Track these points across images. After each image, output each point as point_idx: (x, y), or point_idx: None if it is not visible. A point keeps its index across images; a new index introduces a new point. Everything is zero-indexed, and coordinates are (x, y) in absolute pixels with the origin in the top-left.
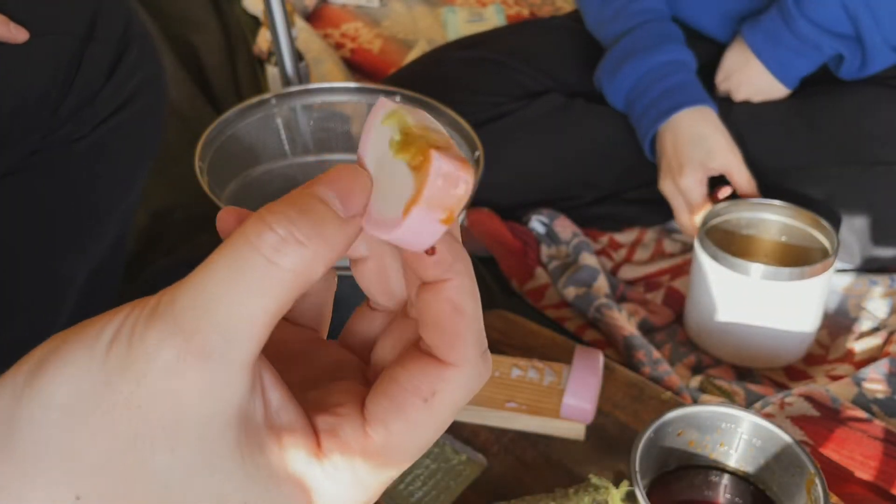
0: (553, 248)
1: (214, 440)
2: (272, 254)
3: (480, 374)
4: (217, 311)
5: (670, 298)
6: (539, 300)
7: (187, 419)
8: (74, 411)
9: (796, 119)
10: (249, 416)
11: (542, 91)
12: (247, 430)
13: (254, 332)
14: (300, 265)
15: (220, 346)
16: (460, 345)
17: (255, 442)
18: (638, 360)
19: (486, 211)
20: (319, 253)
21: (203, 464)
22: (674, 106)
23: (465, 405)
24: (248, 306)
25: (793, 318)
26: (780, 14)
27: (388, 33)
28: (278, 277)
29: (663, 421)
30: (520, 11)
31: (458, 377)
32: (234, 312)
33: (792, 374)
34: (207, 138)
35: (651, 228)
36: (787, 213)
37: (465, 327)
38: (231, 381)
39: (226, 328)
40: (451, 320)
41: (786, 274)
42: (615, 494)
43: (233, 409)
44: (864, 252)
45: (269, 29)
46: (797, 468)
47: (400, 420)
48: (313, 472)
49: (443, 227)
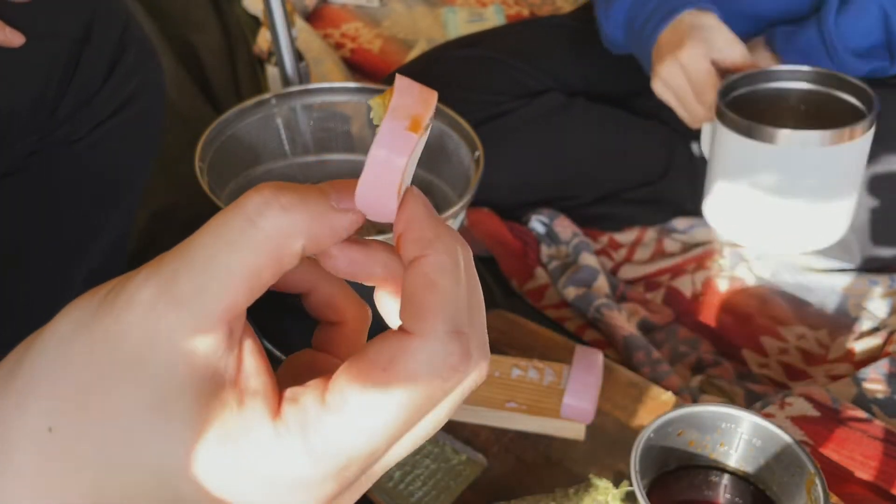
0: (553, 248)
1: (177, 385)
2: (254, 214)
3: (449, 353)
4: (195, 261)
5: (670, 298)
6: (539, 300)
7: (155, 359)
8: (65, 340)
9: None
10: (218, 372)
11: (543, 90)
12: (212, 383)
13: (229, 285)
14: (277, 229)
15: (193, 294)
16: (426, 315)
17: (217, 397)
18: (638, 360)
19: (486, 211)
20: (299, 223)
21: (162, 406)
22: (672, 9)
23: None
24: (223, 260)
25: (828, 189)
26: (820, 41)
27: (388, 33)
28: (255, 236)
29: (663, 421)
30: (520, 11)
31: (418, 347)
32: (210, 265)
33: (792, 374)
34: (207, 138)
35: (651, 228)
36: (809, 78)
37: (435, 301)
38: (201, 329)
39: (201, 278)
40: (422, 292)
41: (817, 138)
42: (615, 494)
43: (200, 358)
44: (864, 252)
45: (269, 29)
46: (797, 468)
47: (355, 388)
48: (264, 431)
49: (412, 134)
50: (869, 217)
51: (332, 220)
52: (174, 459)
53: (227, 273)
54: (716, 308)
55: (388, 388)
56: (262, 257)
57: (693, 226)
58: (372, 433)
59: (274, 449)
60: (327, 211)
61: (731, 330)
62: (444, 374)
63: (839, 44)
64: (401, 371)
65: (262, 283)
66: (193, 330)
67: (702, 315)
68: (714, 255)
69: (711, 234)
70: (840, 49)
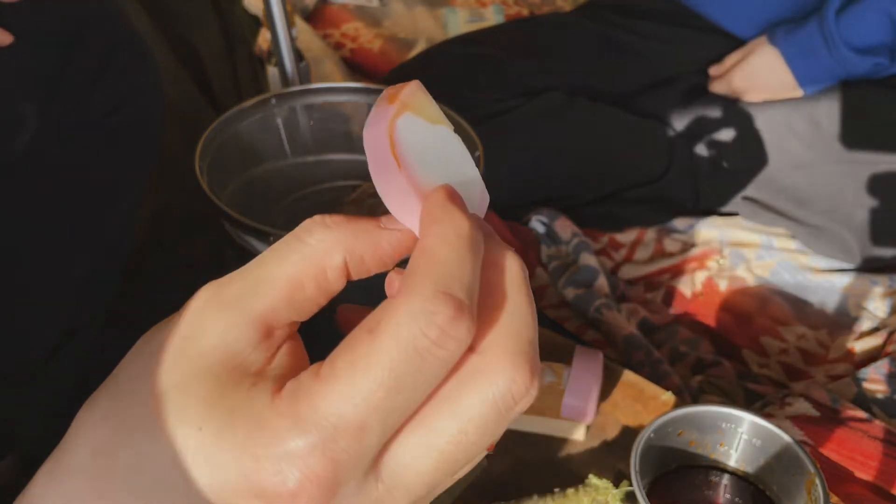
0: (553, 248)
1: (202, 369)
2: (302, 232)
3: (433, 312)
4: (247, 271)
5: (670, 298)
6: (539, 300)
7: (190, 348)
8: (143, 341)
9: (797, 117)
10: (244, 364)
11: (543, 89)
12: (235, 373)
13: (269, 290)
14: (319, 242)
15: (237, 297)
16: (414, 276)
17: (237, 383)
18: (638, 360)
19: (486, 211)
20: (341, 238)
21: (184, 386)
22: None
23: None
24: (268, 270)
25: None
26: (821, 36)
27: (388, 33)
28: (300, 249)
29: (663, 421)
30: (520, 11)
31: (403, 307)
32: (255, 273)
33: (792, 374)
34: (207, 138)
35: (651, 228)
36: None
37: (426, 263)
38: (238, 325)
39: (246, 284)
40: (415, 259)
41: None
42: (615, 494)
43: (231, 349)
44: (864, 252)
45: (268, 29)
46: (797, 468)
47: (345, 355)
48: (261, 404)
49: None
50: (869, 217)
51: (374, 235)
52: (183, 437)
53: (270, 280)
54: (716, 308)
55: (371, 349)
56: (303, 268)
57: (693, 226)
58: (356, 398)
59: (265, 421)
60: (371, 228)
61: (731, 330)
62: (431, 335)
63: (840, 39)
64: (384, 331)
65: (305, 295)
66: (228, 326)
67: (702, 315)
68: (714, 255)
69: (711, 234)
70: (840, 45)
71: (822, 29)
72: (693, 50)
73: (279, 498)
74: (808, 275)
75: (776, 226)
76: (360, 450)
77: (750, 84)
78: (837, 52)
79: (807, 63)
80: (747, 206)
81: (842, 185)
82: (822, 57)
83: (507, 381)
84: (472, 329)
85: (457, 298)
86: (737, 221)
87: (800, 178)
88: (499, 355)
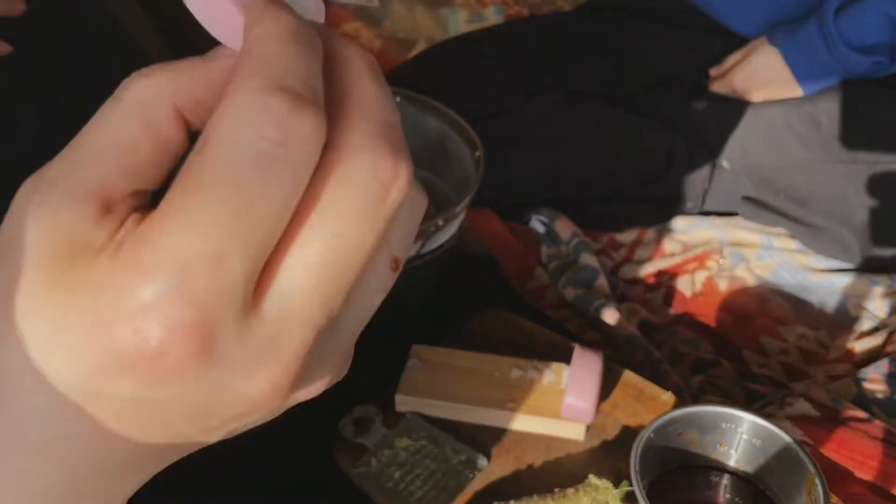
0: (553, 248)
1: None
2: (120, 92)
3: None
4: (69, 149)
5: (670, 298)
6: (539, 300)
7: (18, 241)
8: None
9: (797, 117)
10: (84, 244)
11: (543, 89)
12: (70, 254)
13: (96, 161)
14: (139, 93)
15: (60, 176)
16: (237, 77)
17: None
18: (638, 360)
19: (487, 212)
20: (163, 83)
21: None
22: None
23: (464, 405)
24: (91, 139)
25: None
26: (820, 35)
27: (388, 33)
28: (118, 109)
29: (663, 421)
30: (520, 11)
31: (223, 109)
32: (78, 146)
33: (792, 374)
34: None
35: (651, 228)
36: None
37: (251, 61)
38: (67, 206)
39: (69, 159)
40: (239, 60)
41: None
42: (615, 494)
43: (63, 233)
44: (864, 252)
45: None
46: (797, 468)
47: (179, 184)
48: (104, 268)
49: None
50: (869, 217)
51: (201, 69)
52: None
53: (93, 151)
54: (716, 308)
55: (204, 168)
56: (128, 127)
57: (693, 226)
58: (202, 226)
59: (107, 282)
60: (195, 64)
61: (731, 330)
62: (271, 134)
63: (839, 38)
64: (214, 143)
65: (140, 158)
66: (56, 209)
67: (702, 315)
68: (714, 255)
69: (711, 234)
70: (840, 44)
71: (821, 28)
72: (694, 50)
73: (146, 360)
74: (809, 275)
75: (776, 226)
76: (224, 285)
77: (750, 84)
78: (837, 50)
79: (806, 62)
80: (747, 206)
81: (842, 185)
82: (821, 56)
83: (367, 165)
84: (320, 122)
85: (292, 90)
86: (737, 221)
87: (800, 178)
88: (353, 142)
